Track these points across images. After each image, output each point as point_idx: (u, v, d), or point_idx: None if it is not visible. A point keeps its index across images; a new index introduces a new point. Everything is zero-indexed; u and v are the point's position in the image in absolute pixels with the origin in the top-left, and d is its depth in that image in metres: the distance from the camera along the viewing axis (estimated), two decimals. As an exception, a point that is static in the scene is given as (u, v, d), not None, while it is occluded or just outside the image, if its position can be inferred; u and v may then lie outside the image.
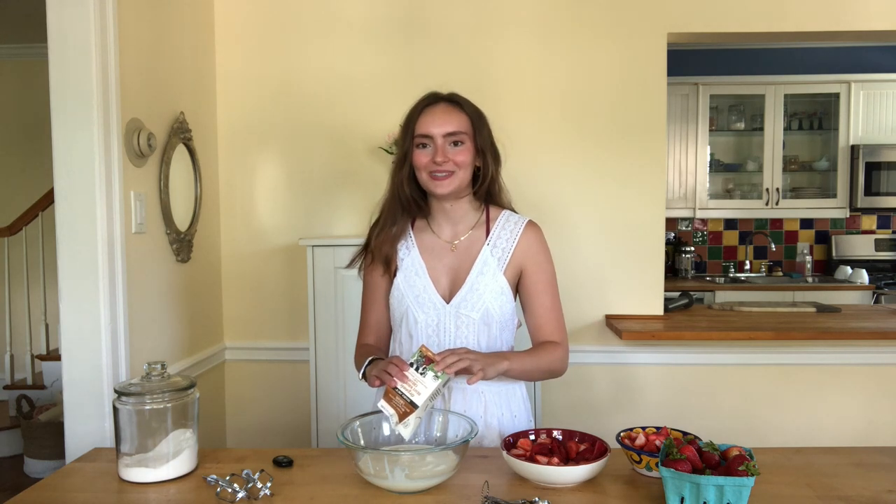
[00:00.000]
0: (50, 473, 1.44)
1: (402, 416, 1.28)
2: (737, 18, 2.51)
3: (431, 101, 1.45)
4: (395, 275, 1.52)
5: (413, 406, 1.27)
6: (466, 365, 1.32)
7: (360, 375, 1.45)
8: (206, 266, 2.46)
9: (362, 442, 1.35)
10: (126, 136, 1.87)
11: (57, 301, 1.80)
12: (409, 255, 1.52)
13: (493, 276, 1.47)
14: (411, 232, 1.54)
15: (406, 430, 1.29)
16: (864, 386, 2.55)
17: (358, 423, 1.36)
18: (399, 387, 1.28)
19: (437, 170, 1.41)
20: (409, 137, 1.44)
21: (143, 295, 1.98)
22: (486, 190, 1.50)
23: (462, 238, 1.51)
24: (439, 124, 1.41)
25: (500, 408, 1.51)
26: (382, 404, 1.30)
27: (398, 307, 1.50)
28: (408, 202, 1.49)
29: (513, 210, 1.56)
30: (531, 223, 1.53)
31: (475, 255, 1.49)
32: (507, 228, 1.51)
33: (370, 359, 1.45)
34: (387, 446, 1.35)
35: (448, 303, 1.47)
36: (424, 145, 1.42)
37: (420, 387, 1.28)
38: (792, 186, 4.68)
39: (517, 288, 1.53)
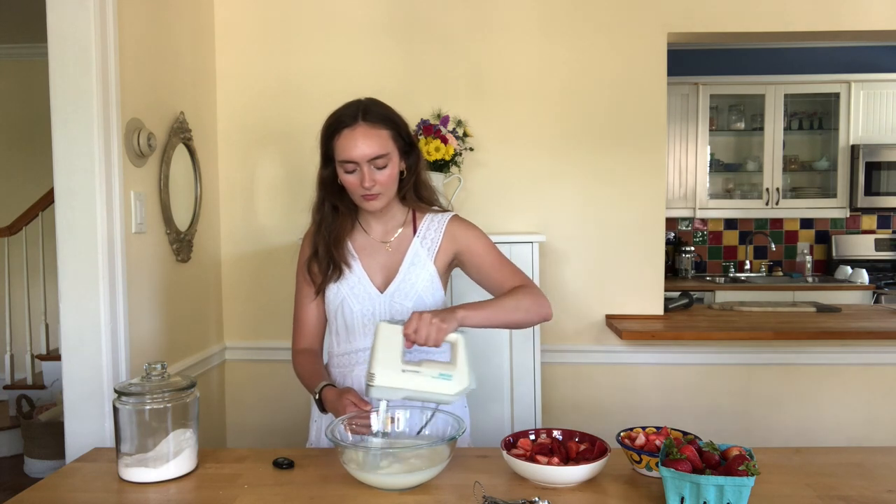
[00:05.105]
0: (50, 473, 1.44)
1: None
2: (737, 18, 2.51)
3: (349, 121, 1.43)
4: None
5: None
6: (435, 334, 1.30)
7: (316, 397, 1.48)
8: (206, 266, 2.46)
9: (350, 439, 1.35)
10: (126, 136, 1.87)
11: (57, 301, 1.80)
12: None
13: (424, 265, 1.53)
14: None
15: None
16: (864, 386, 2.55)
17: (345, 420, 1.36)
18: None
19: (367, 195, 1.45)
20: (334, 158, 1.46)
21: (143, 295, 1.98)
22: (413, 188, 1.55)
23: (393, 238, 1.56)
24: (362, 149, 1.41)
25: None
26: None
27: (333, 299, 1.55)
28: (342, 210, 1.54)
29: (439, 208, 1.60)
30: (456, 215, 1.59)
31: (406, 249, 1.55)
32: (434, 221, 1.57)
33: (322, 385, 1.48)
34: (377, 444, 1.36)
35: (382, 293, 1.52)
36: (352, 171, 1.45)
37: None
38: (792, 186, 4.68)
39: (467, 272, 1.58)
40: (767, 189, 4.52)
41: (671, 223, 4.81)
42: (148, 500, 1.25)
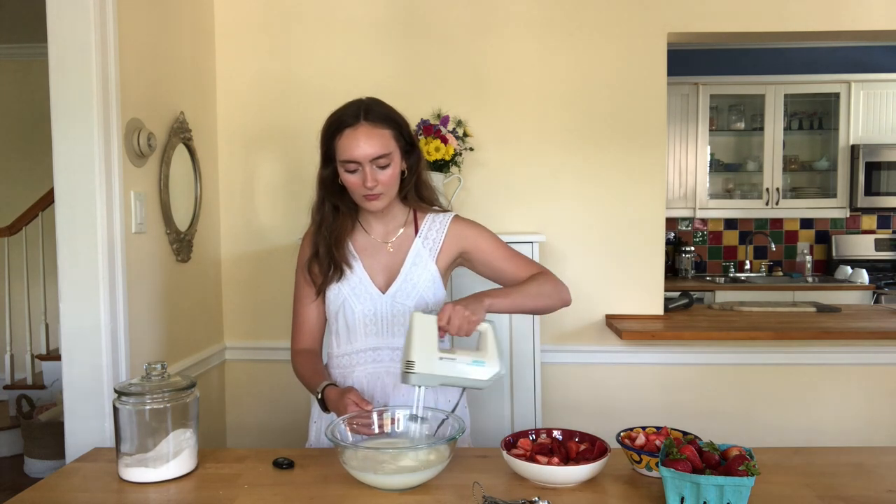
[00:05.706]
0: (50, 473, 1.44)
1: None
2: (737, 18, 2.51)
3: (352, 120, 1.43)
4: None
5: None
6: (466, 325, 1.34)
7: (318, 396, 1.48)
8: (206, 266, 2.46)
9: (350, 438, 1.35)
10: (126, 136, 1.87)
11: (57, 301, 1.80)
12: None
13: (426, 265, 1.53)
14: None
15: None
16: (864, 386, 2.55)
17: (345, 420, 1.37)
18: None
19: (369, 195, 1.45)
20: (335, 158, 1.46)
21: (143, 295, 1.98)
22: (414, 187, 1.55)
23: (394, 238, 1.56)
24: (364, 149, 1.41)
25: (435, 393, 1.53)
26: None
27: (334, 300, 1.54)
28: (342, 210, 1.54)
29: (440, 208, 1.61)
30: (457, 215, 1.60)
31: (407, 249, 1.54)
32: (436, 222, 1.57)
33: (325, 384, 1.48)
34: (376, 444, 1.36)
35: (384, 293, 1.52)
36: (354, 170, 1.44)
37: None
38: (792, 186, 4.68)
39: (478, 270, 1.60)
40: (767, 189, 4.52)
41: (671, 223, 4.81)
42: (148, 500, 1.25)
